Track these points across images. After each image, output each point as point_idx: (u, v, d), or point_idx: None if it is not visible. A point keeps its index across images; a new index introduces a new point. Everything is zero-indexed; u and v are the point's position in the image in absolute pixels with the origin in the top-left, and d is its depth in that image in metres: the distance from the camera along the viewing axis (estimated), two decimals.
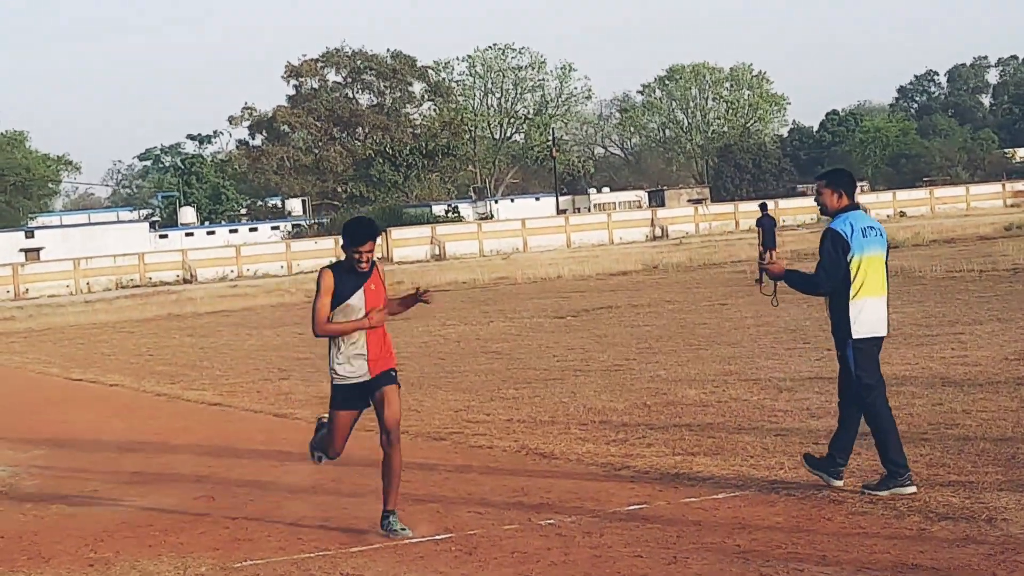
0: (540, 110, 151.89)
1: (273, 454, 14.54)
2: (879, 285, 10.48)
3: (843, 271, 10.39)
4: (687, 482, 11.23)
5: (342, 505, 11.40)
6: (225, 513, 11.44)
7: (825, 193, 10.73)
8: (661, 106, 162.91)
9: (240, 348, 29.73)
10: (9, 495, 13.22)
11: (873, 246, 10.49)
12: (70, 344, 36.37)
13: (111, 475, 13.95)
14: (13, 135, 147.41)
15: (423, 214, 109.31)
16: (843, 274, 10.39)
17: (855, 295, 10.39)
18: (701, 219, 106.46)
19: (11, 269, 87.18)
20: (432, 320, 33.34)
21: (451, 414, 16.38)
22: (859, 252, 10.40)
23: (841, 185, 10.70)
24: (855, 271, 10.38)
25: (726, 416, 14.44)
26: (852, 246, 10.39)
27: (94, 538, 10.82)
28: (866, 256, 10.42)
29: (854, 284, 10.39)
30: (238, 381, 22.53)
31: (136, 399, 21.48)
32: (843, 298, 10.43)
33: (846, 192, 10.69)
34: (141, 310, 51.43)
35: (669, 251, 65.85)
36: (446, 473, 12.52)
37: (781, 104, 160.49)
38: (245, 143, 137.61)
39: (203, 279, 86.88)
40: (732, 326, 24.71)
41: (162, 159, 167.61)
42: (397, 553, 9.53)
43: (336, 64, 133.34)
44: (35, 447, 16.51)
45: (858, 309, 10.38)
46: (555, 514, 10.38)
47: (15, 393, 24.13)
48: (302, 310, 43.39)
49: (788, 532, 9.31)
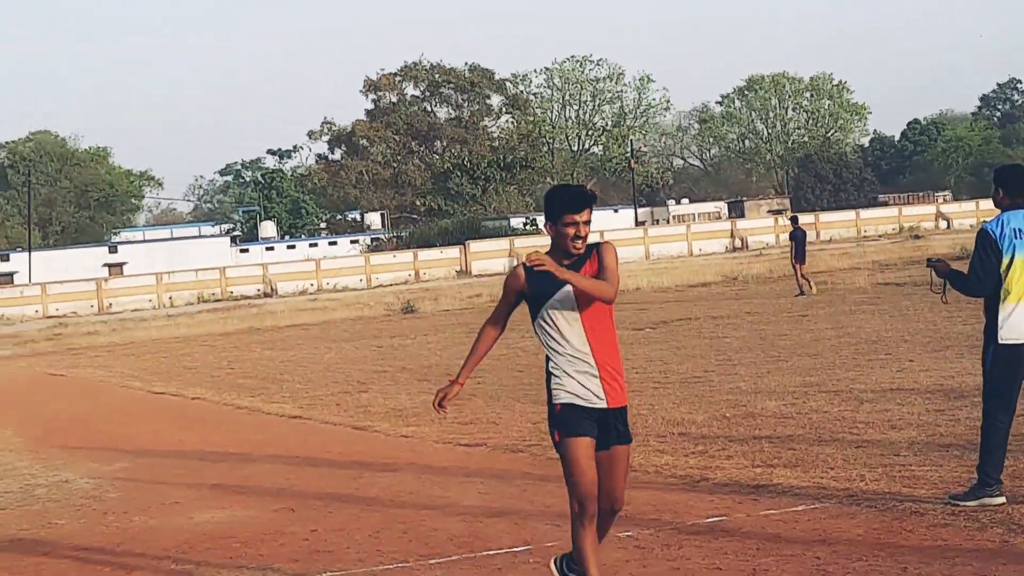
0: (618, 122, 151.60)
1: (352, 465, 14.59)
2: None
3: (995, 273, 10.07)
4: (767, 494, 11.15)
5: (420, 517, 11.42)
6: (305, 524, 11.50)
7: (994, 191, 10.46)
8: (740, 116, 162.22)
9: (319, 361, 29.87)
10: (93, 507, 13.35)
11: None
12: (153, 358, 36.69)
13: (193, 487, 14.05)
14: (96, 151, 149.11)
15: (501, 227, 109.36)
16: (994, 276, 10.07)
17: (1003, 299, 10.08)
18: (781, 230, 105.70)
19: (95, 284, 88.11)
20: (510, 332, 33.22)
21: (529, 426, 16.37)
22: (1008, 254, 10.06)
23: (1001, 182, 10.37)
24: (1004, 273, 10.07)
25: (806, 428, 14.33)
26: (1002, 247, 10.08)
27: (176, 549, 10.90)
28: (1018, 258, 10.07)
29: (1003, 287, 10.07)
30: (317, 394, 22.63)
31: (217, 412, 21.64)
32: (993, 300, 10.15)
33: (1005, 191, 10.33)
34: (222, 324, 51.80)
35: (749, 262, 65.50)
36: (524, 485, 12.51)
37: (862, 114, 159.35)
38: (324, 157, 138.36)
39: (283, 293, 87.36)
40: (812, 337, 24.54)
41: (243, 174, 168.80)
42: (475, 565, 9.53)
43: (414, 78, 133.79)
44: (118, 459, 16.66)
45: (1006, 313, 10.06)
46: (633, 526, 10.35)
47: (99, 406, 24.37)
48: (381, 323, 43.60)
49: (868, 545, 9.22)
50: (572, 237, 7.55)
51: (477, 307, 48.91)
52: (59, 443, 18.84)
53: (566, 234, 7.57)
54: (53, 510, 13.33)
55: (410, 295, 59.13)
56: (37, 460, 17.21)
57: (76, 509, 13.28)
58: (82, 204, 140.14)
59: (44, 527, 12.40)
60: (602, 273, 7.62)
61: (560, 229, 7.60)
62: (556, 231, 7.64)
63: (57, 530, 12.22)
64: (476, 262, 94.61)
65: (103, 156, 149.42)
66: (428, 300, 54.24)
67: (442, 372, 24.44)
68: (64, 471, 16.00)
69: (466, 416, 17.81)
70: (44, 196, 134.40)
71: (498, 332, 8.27)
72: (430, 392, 21.12)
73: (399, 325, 41.66)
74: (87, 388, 28.92)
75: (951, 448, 12.31)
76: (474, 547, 10.10)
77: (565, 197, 7.63)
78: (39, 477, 15.65)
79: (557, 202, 7.62)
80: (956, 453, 11.89)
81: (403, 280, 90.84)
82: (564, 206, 7.57)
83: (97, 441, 18.73)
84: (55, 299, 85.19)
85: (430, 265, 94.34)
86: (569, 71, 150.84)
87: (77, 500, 13.82)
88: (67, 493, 14.33)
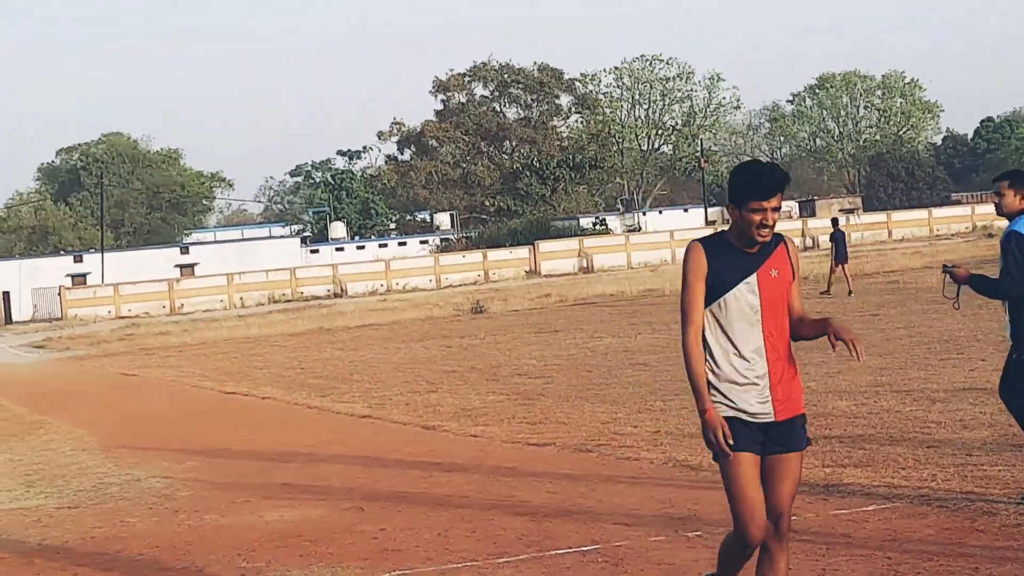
0: (688, 121, 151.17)
1: (420, 465, 14.62)
2: None
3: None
4: (837, 494, 11.09)
5: (488, 516, 11.43)
6: (374, 523, 11.53)
7: (1007, 194, 10.28)
8: (811, 115, 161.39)
9: (389, 361, 29.97)
10: (165, 505, 13.45)
11: None
12: (224, 358, 36.93)
13: (263, 486, 14.13)
14: (168, 153, 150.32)
15: (571, 227, 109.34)
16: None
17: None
18: (853, 229, 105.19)
19: (167, 285, 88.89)
20: (580, 332, 33.33)
21: (598, 426, 16.35)
22: None
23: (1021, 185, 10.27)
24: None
25: (877, 428, 14.24)
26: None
27: (246, 547, 10.96)
28: None
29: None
30: (387, 394, 22.70)
31: (287, 411, 21.75)
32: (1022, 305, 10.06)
33: None
34: (293, 324, 52.07)
35: (819, 262, 65.12)
36: (593, 484, 12.49)
37: (935, 112, 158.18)
38: (394, 158, 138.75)
39: (353, 293, 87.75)
40: (883, 337, 24.37)
41: (313, 175, 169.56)
42: (544, 565, 9.53)
43: (483, 78, 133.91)
44: (189, 458, 16.78)
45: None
46: (703, 526, 10.31)
47: (170, 406, 24.55)
48: (450, 323, 43.68)
49: (940, 545, 9.15)
50: (758, 225, 6.62)
51: (547, 307, 48.92)
52: (131, 443, 18.99)
53: (751, 221, 6.63)
54: (125, 508, 13.44)
55: (479, 295, 59.22)
56: (109, 459, 17.36)
57: (148, 508, 13.39)
58: (154, 205, 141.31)
59: (117, 525, 12.51)
60: (795, 280, 6.92)
61: (744, 215, 6.65)
62: (740, 215, 6.68)
63: (129, 528, 12.32)
64: (545, 262, 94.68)
65: (175, 158, 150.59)
66: (497, 300, 54.30)
67: (511, 372, 24.47)
68: (136, 470, 16.13)
69: (535, 416, 17.82)
70: (116, 198, 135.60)
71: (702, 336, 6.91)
72: (499, 392, 21.18)
73: (468, 325, 41.73)
74: (159, 388, 29.15)
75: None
76: (542, 546, 10.10)
77: (754, 179, 6.63)
78: (111, 476, 15.79)
79: (744, 184, 6.65)
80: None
81: (472, 280, 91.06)
82: (751, 191, 6.62)
83: (168, 441, 18.88)
84: (127, 300, 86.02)
85: (499, 265, 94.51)
86: (639, 70, 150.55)
87: (149, 499, 13.94)
88: (139, 492, 14.45)
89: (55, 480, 15.80)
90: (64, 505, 13.93)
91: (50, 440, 20.16)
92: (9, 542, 12.07)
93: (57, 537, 12.14)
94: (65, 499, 14.31)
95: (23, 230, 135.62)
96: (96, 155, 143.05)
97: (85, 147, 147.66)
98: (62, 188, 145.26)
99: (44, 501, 14.32)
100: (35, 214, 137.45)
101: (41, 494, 14.85)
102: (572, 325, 36.75)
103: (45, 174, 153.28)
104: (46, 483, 15.63)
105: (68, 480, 15.70)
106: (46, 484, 15.55)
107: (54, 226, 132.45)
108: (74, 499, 14.26)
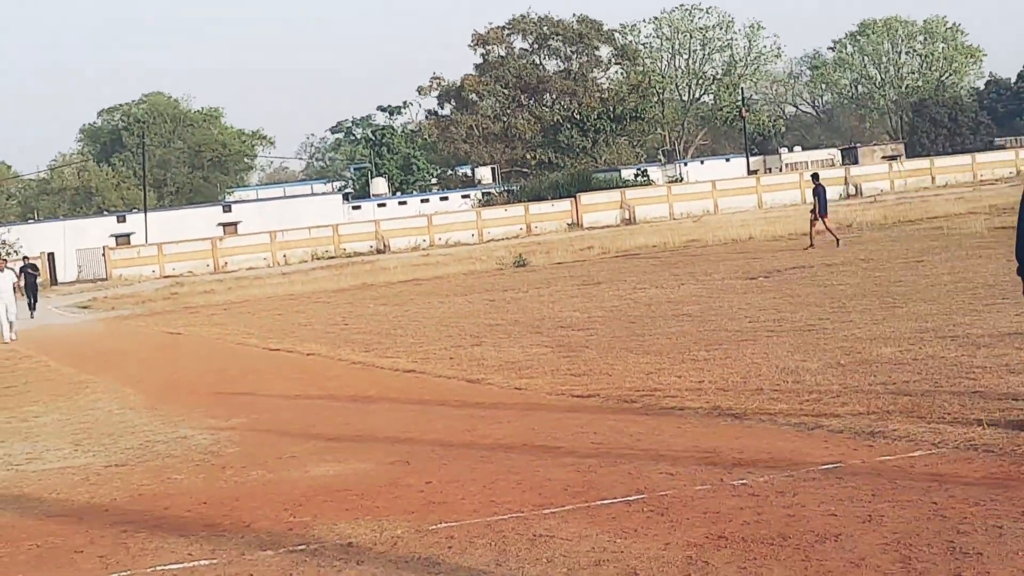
0: (729, 70, 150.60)
1: (466, 418, 14.65)
2: None
3: None
4: (882, 440, 11.05)
5: (534, 468, 11.44)
6: (420, 477, 11.56)
7: None
8: (853, 62, 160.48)
9: (432, 316, 30.01)
10: (212, 462, 13.52)
11: None
12: (267, 315, 37.07)
13: (308, 441, 14.19)
14: (209, 112, 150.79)
15: (612, 179, 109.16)
16: None
17: None
18: (896, 176, 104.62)
19: (210, 243, 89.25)
20: (623, 284, 33.29)
21: (642, 377, 16.34)
22: None
23: None
24: None
25: (922, 374, 14.17)
26: None
27: (293, 502, 11.01)
28: None
29: None
30: (431, 348, 22.74)
31: (332, 367, 21.80)
32: None
33: None
34: (336, 280, 52.19)
35: (863, 209, 64.86)
36: (637, 435, 12.49)
37: (977, 56, 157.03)
38: (434, 113, 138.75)
39: (395, 249, 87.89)
40: (928, 283, 24.25)
41: (353, 131, 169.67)
42: (589, 514, 9.54)
43: (522, 31, 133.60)
44: (235, 415, 16.86)
45: None
46: (747, 474, 10.30)
47: (216, 363, 24.67)
48: (493, 277, 43.71)
49: (986, 488, 9.11)
50: None
51: (589, 259, 48.88)
52: (177, 400, 19.10)
53: None
54: (172, 465, 13.52)
55: (522, 248, 59.22)
56: (156, 417, 17.47)
57: (195, 464, 13.46)
58: (195, 164, 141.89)
59: (164, 482, 12.59)
60: None
61: None
62: None
63: (176, 484, 12.40)
64: (587, 215, 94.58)
65: (215, 116, 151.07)
66: (540, 253, 54.28)
67: (555, 324, 24.48)
68: (182, 427, 16.22)
69: (579, 368, 17.82)
70: (158, 157, 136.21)
71: None
72: (543, 345, 21.21)
73: (511, 279, 41.75)
74: (203, 346, 29.29)
75: None
76: (588, 496, 10.10)
77: None
78: (158, 433, 15.88)
79: None
80: None
81: (514, 234, 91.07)
82: None
83: (214, 398, 18.98)
84: (171, 259, 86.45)
85: (541, 218, 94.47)
86: (678, 20, 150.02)
87: (196, 455, 14.01)
88: (186, 448, 14.53)
89: (102, 439, 15.90)
90: (112, 463, 14.01)
91: (97, 399, 20.29)
92: (58, 500, 12.16)
93: (105, 495, 12.23)
94: (113, 457, 14.40)
95: (67, 191, 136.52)
96: (137, 115, 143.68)
97: (126, 107, 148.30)
98: (104, 149, 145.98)
99: (92, 459, 14.42)
100: (78, 175, 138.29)
101: (89, 452, 14.95)
102: (615, 277, 36.71)
103: (87, 135, 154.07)
104: (93, 442, 15.73)
105: (115, 438, 15.80)
106: (93, 443, 15.65)
107: (97, 187, 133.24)
108: (121, 457, 14.35)
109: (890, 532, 8.27)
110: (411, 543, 9.23)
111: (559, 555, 8.52)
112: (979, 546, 7.80)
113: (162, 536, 10.22)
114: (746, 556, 8.07)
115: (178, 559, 9.46)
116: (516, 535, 9.15)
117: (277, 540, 9.73)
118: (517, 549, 8.77)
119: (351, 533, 9.70)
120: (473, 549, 8.88)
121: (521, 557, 8.57)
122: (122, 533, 10.47)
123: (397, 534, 9.53)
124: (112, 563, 9.54)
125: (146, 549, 9.86)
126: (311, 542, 9.55)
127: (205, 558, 9.41)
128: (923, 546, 7.90)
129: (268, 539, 9.79)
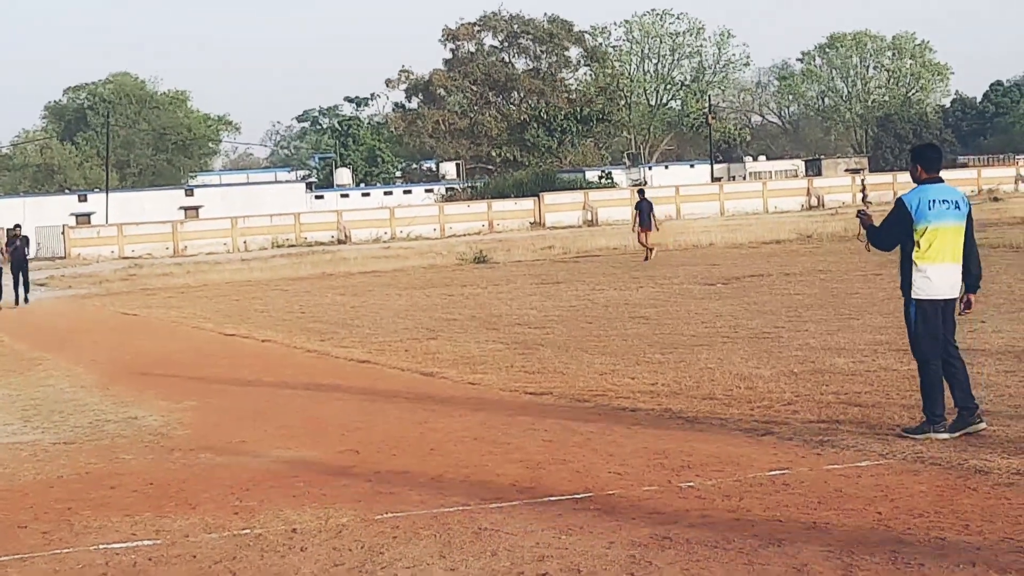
0: (697, 77, 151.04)
1: (418, 411, 14.65)
2: (948, 254, 11.36)
3: (895, 237, 11.61)
4: (831, 449, 11.11)
5: (483, 462, 11.46)
6: (369, 467, 11.56)
7: (911, 166, 11.79)
8: (821, 74, 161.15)
9: (390, 308, 29.98)
10: (161, 443, 13.49)
11: (943, 218, 11.35)
12: (225, 300, 36.94)
13: (259, 427, 14.18)
14: (175, 95, 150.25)
15: (577, 180, 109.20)
16: (894, 240, 11.55)
17: (919, 261, 11.38)
18: (858, 189, 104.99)
19: (171, 226, 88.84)
20: (581, 284, 33.34)
21: (596, 377, 16.38)
22: (923, 222, 11.34)
23: (919, 160, 11.76)
24: (920, 239, 11.31)
25: (874, 385, 14.26)
26: (914, 217, 11.36)
27: (240, 487, 10.99)
28: (932, 226, 11.33)
29: (919, 251, 11.35)
30: (387, 340, 22.72)
31: (287, 355, 21.76)
32: (907, 262, 11.46)
33: (923, 166, 11.68)
34: (295, 269, 52.06)
35: (824, 221, 65.08)
36: (588, 434, 12.51)
37: (944, 74, 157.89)
38: (401, 106, 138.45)
39: (357, 240, 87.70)
40: (885, 296, 24.34)
41: (320, 121, 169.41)
42: (536, 511, 9.56)
43: (493, 28, 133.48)
44: (187, 398, 16.81)
45: (922, 274, 11.37)
46: (695, 477, 10.34)
47: (171, 346, 24.57)
48: (452, 272, 43.70)
49: (931, 501, 9.17)
50: None
51: (549, 259, 48.92)
52: (129, 381, 19.03)
53: None
54: (122, 445, 13.48)
55: (483, 245, 59.18)
56: (107, 397, 17.40)
57: (144, 445, 13.43)
58: (160, 147, 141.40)
59: (112, 461, 12.55)
60: None
61: None
62: None
63: (125, 465, 12.36)
64: (550, 214, 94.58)
65: (182, 100, 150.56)
66: (501, 251, 54.29)
67: (512, 322, 24.49)
68: (133, 408, 16.17)
69: (534, 365, 17.84)
70: (122, 138, 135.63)
71: None
72: (499, 341, 21.24)
73: (471, 274, 41.74)
74: (159, 328, 29.17)
75: (1020, 408, 12.23)
76: (535, 493, 10.13)
77: None
78: (109, 413, 15.82)
79: None
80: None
81: (476, 231, 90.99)
82: None
83: (167, 380, 18.91)
84: (131, 240, 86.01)
85: (504, 216, 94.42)
86: (649, 24, 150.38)
87: (145, 436, 13.97)
88: (136, 429, 14.49)
89: (52, 416, 15.84)
90: (60, 440, 13.97)
91: (48, 377, 20.20)
92: (5, 475, 12.11)
93: (52, 472, 12.18)
94: (62, 435, 14.35)
95: (28, 168, 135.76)
96: (103, 95, 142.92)
97: (92, 87, 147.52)
98: (68, 127, 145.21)
99: (41, 436, 14.37)
100: (40, 152, 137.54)
101: (38, 429, 14.89)
102: (574, 277, 36.76)
103: (51, 112, 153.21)
104: (43, 419, 15.67)
105: (65, 416, 15.74)
106: (43, 420, 15.59)
107: (59, 165, 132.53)
108: (70, 435, 14.30)
109: (834, 540, 8.32)
110: (356, 531, 9.23)
111: (503, 549, 8.54)
112: (921, 557, 7.85)
113: (106, 515, 10.19)
114: (689, 557, 8.11)
115: (121, 538, 9.43)
116: (461, 528, 9.16)
117: (222, 523, 9.72)
118: (462, 541, 8.78)
119: (296, 519, 9.70)
120: (418, 540, 8.89)
121: (465, 550, 8.59)
122: (67, 510, 10.44)
123: (343, 522, 9.53)
124: (55, 540, 9.51)
125: (90, 527, 9.84)
126: (256, 527, 9.54)
127: (148, 538, 9.40)
128: (865, 555, 7.95)
129: (213, 522, 9.78)
